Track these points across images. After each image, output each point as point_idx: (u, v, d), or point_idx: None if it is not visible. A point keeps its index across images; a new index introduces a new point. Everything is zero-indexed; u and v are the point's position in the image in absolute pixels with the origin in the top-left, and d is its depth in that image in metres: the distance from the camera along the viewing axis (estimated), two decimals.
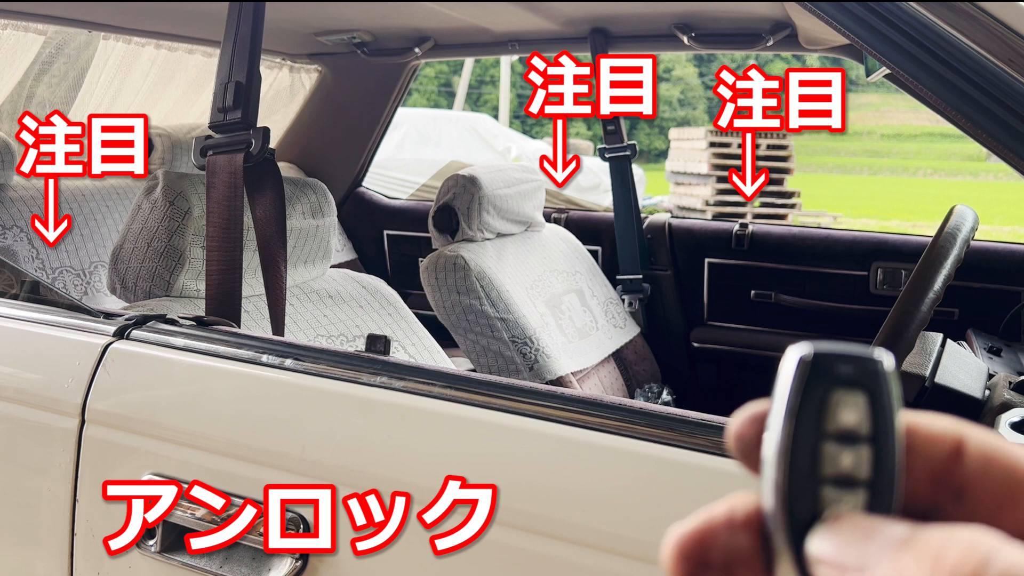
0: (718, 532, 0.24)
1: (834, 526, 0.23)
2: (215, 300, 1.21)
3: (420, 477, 0.87)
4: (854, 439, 0.23)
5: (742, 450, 0.25)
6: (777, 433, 0.24)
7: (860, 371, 0.24)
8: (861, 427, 0.23)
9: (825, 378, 0.24)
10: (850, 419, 0.23)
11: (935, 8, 0.85)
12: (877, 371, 0.24)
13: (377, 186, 2.97)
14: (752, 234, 2.31)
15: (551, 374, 1.81)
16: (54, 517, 1.05)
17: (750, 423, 0.25)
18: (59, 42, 2.35)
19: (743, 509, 0.24)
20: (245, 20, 1.26)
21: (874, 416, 0.23)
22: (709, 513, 0.25)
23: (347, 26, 2.31)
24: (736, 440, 0.25)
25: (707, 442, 0.79)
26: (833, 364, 0.24)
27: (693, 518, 0.25)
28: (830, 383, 0.24)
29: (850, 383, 0.24)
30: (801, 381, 0.24)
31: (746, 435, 0.25)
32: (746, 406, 0.26)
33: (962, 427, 0.24)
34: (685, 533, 0.24)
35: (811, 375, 0.24)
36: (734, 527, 0.24)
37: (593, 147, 7.30)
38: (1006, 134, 0.83)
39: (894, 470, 0.23)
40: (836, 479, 0.23)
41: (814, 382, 0.24)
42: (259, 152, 1.25)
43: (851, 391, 0.24)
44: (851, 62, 2.02)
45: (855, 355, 0.24)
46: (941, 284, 1.08)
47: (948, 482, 0.24)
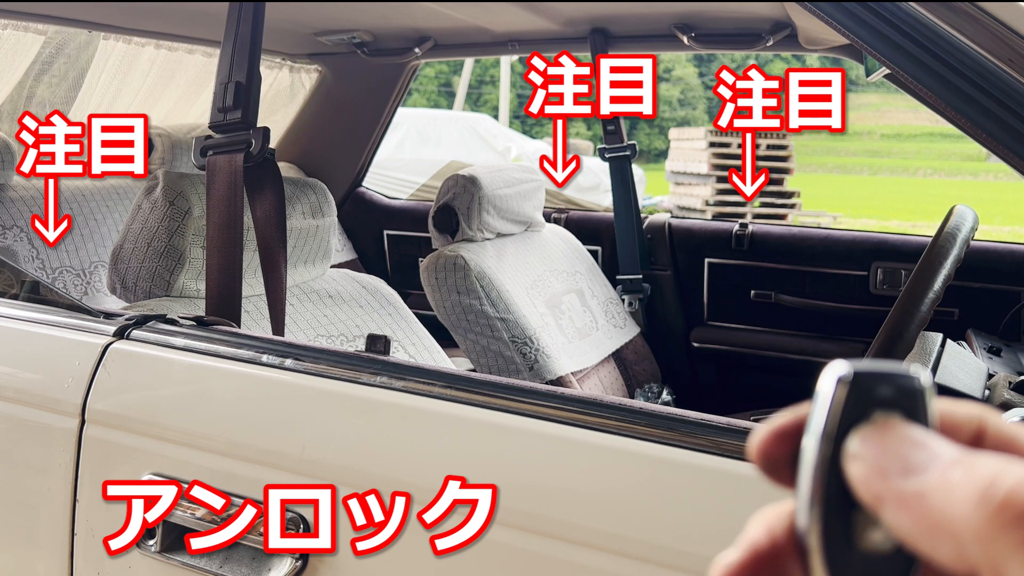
0: (764, 561, 0.24)
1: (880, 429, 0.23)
2: (215, 300, 1.21)
3: (420, 477, 0.87)
4: None
5: (768, 467, 0.25)
6: (813, 454, 0.24)
7: (899, 391, 0.24)
8: None
9: (864, 400, 0.24)
10: None
11: (935, 8, 0.85)
12: (915, 390, 0.24)
13: (377, 186, 2.97)
14: (752, 234, 2.31)
15: (551, 374, 1.81)
16: (54, 517, 1.05)
17: (775, 440, 0.25)
18: (59, 42, 2.35)
19: (783, 533, 0.24)
20: (245, 20, 1.26)
21: None
22: (752, 540, 0.24)
23: (347, 26, 2.31)
24: (761, 457, 0.25)
25: (707, 442, 0.79)
26: (872, 385, 0.24)
27: (738, 548, 0.24)
28: (869, 405, 0.24)
29: (889, 404, 0.23)
30: (840, 403, 0.24)
31: (771, 453, 0.25)
32: (770, 420, 0.25)
33: (982, 412, 0.25)
34: (733, 564, 0.24)
35: (849, 396, 0.24)
36: (780, 554, 0.24)
37: (593, 147, 7.30)
38: (1006, 134, 0.83)
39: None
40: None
41: (852, 404, 0.24)
42: (259, 152, 1.25)
43: (890, 412, 0.24)
44: (851, 62, 2.02)
45: (894, 374, 0.24)
46: (941, 284, 1.08)
47: None
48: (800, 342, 2.26)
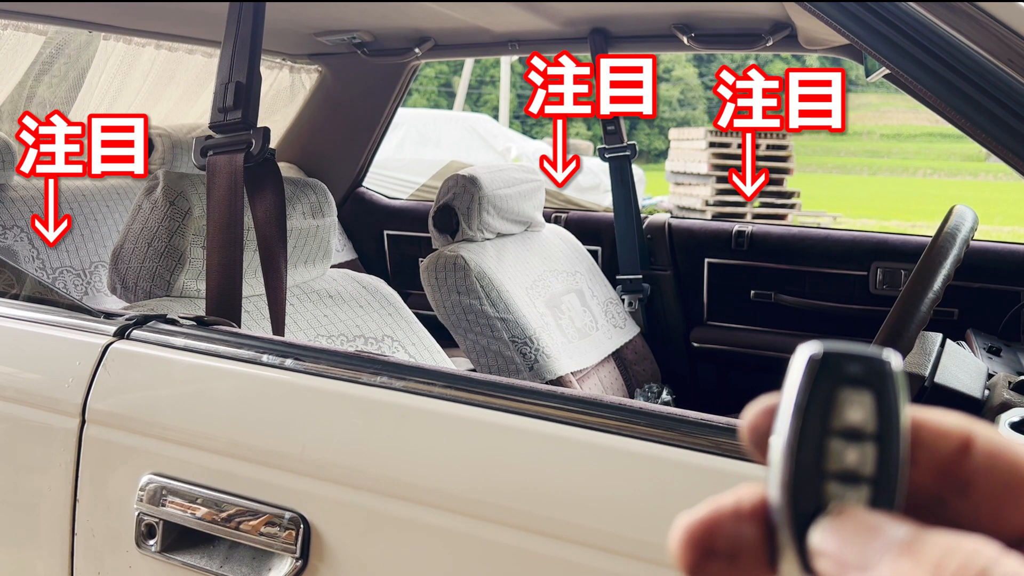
0: (725, 521, 0.25)
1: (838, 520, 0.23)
2: (215, 300, 1.21)
3: (420, 477, 0.87)
4: (859, 436, 0.24)
5: (754, 441, 0.26)
6: (785, 428, 0.24)
7: (868, 370, 0.24)
8: (867, 425, 0.24)
9: (833, 376, 0.24)
10: (856, 417, 0.24)
11: (935, 8, 0.85)
12: (884, 371, 0.24)
13: (377, 186, 2.97)
14: (752, 234, 2.31)
15: (551, 374, 1.81)
16: (54, 517, 1.05)
17: (763, 415, 0.26)
18: (59, 42, 2.35)
19: (750, 500, 0.25)
20: (245, 20, 1.26)
21: (880, 415, 0.24)
22: (717, 503, 0.25)
23: (347, 26, 2.31)
24: (749, 431, 0.26)
25: (707, 442, 0.79)
26: (842, 363, 0.24)
27: (701, 507, 0.25)
28: (838, 381, 0.24)
29: (858, 382, 0.24)
30: (810, 379, 0.24)
31: (759, 427, 0.26)
32: (761, 398, 0.26)
33: (970, 423, 0.25)
34: (692, 521, 0.25)
35: (820, 373, 0.24)
36: (741, 517, 0.25)
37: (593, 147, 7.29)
38: (1006, 134, 0.83)
39: (898, 468, 0.24)
40: (841, 475, 0.24)
41: (822, 380, 0.24)
42: (259, 152, 1.25)
43: (858, 390, 0.24)
44: (851, 62, 2.02)
45: (863, 355, 0.24)
46: (941, 284, 1.08)
47: (954, 476, 0.24)
48: (800, 342, 2.25)
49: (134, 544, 0.99)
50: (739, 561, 0.24)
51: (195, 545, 0.97)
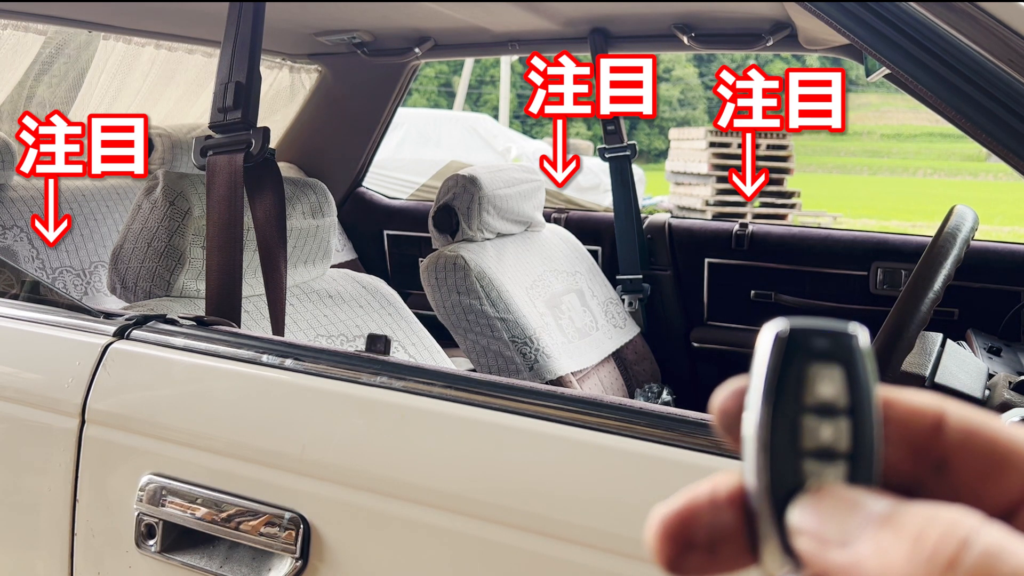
0: (701, 511, 0.24)
1: (816, 498, 0.23)
2: (215, 300, 1.21)
3: (420, 477, 0.87)
4: (832, 412, 0.23)
5: (726, 424, 0.25)
6: (756, 409, 0.24)
7: (835, 345, 0.24)
8: (839, 400, 0.23)
9: (801, 353, 0.24)
10: (828, 392, 0.23)
11: (935, 8, 0.85)
12: (851, 345, 0.24)
13: (377, 186, 2.97)
14: (752, 234, 2.31)
15: (551, 374, 1.81)
16: (54, 517, 1.05)
17: (733, 397, 0.25)
18: (59, 42, 2.35)
19: (726, 487, 0.24)
20: (245, 20, 1.25)
21: (851, 388, 0.23)
22: (691, 493, 0.24)
23: (347, 26, 2.31)
24: (720, 415, 0.25)
25: (707, 442, 0.79)
26: (809, 339, 0.24)
27: (676, 498, 0.24)
28: (806, 357, 0.24)
29: (826, 357, 0.24)
30: (778, 357, 0.24)
31: (730, 409, 0.25)
32: (728, 381, 0.26)
33: (943, 401, 0.24)
34: (668, 513, 0.24)
35: (787, 350, 0.24)
36: (717, 505, 0.24)
37: (593, 147, 7.29)
38: (1006, 134, 0.83)
39: (873, 441, 0.23)
40: (816, 452, 0.23)
41: (791, 357, 0.24)
42: (259, 152, 1.25)
43: (828, 364, 0.24)
44: (851, 62, 2.02)
45: (830, 330, 0.24)
46: (941, 284, 1.08)
47: (929, 455, 0.24)
48: None
49: (134, 544, 0.99)
50: (719, 551, 0.24)
51: (195, 545, 0.97)
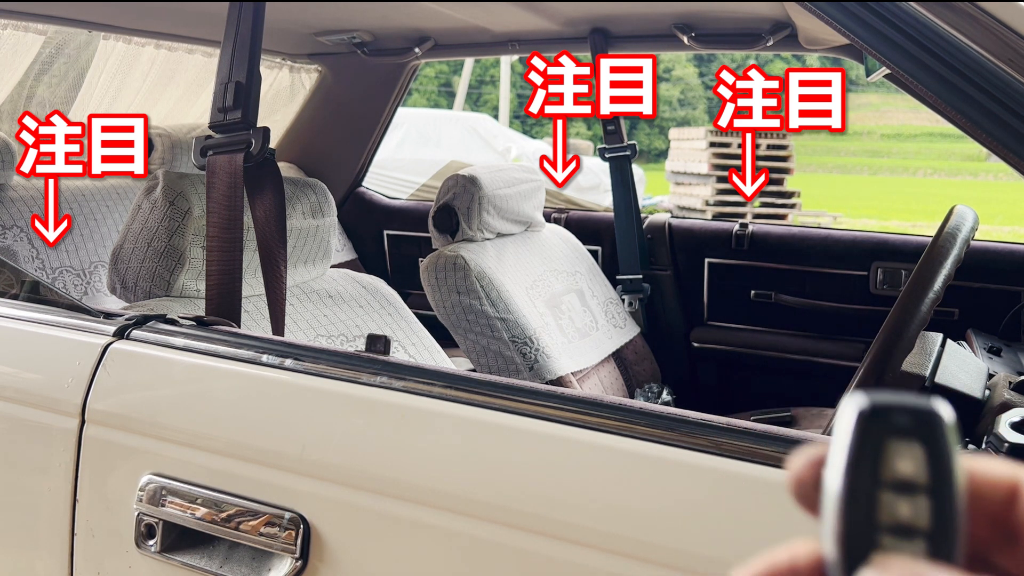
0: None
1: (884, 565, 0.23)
2: (215, 300, 1.21)
3: (420, 477, 0.87)
4: (912, 488, 0.24)
5: (801, 493, 0.26)
6: (836, 482, 0.24)
7: (916, 421, 0.24)
8: (919, 477, 0.24)
9: (881, 428, 0.24)
10: (907, 469, 0.24)
11: (935, 8, 0.85)
12: (934, 421, 0.24)
13: (377, 186, 2.97)
14: (752, 234, 2.31)
15: (551, 374, 1.81)
16: (54, 517, 1.05)
17: (808, 467, 0.25)
18: (59, 42, 2.35)
19: (805, 556, 0.24)
20: (245, 20, 1.25)
21: (932, 466, 0.24)
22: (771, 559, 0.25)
23: (347, 26, 2.31)
24: (795, 484, 0.26)
25: (707, 442, 0.79)
26: (889, 415, 0.24)
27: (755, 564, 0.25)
28: (886, 433, 0.24)
29: (906, 433, 0.24)
30: (859, 432, 0.24)
31: (805, 480, 0.25)
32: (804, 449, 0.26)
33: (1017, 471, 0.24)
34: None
35: (867, 425, 0.24)
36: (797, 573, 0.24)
37: (593, 147, 7.30)
38: (1006, 134, 0.83)
39: (955, 521, 0.23)
40: (894, 528, 0.23)
41: (870, 432, 0.24)
42: (259, 152, 1.25)
43: (907, 441, 0.24)
44: (851, 62, 2.02)
45: (911, 406, 0.24)
46: (941, 284, 1.08)
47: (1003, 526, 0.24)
48: (800, 342, 2.26)
49: (134, 544, 0.99)
50: None
51: (195, 545, 0.97)
